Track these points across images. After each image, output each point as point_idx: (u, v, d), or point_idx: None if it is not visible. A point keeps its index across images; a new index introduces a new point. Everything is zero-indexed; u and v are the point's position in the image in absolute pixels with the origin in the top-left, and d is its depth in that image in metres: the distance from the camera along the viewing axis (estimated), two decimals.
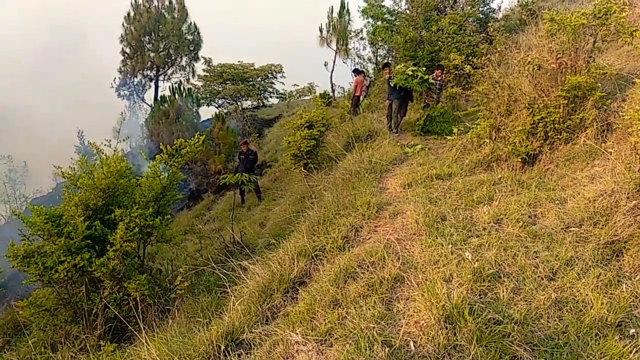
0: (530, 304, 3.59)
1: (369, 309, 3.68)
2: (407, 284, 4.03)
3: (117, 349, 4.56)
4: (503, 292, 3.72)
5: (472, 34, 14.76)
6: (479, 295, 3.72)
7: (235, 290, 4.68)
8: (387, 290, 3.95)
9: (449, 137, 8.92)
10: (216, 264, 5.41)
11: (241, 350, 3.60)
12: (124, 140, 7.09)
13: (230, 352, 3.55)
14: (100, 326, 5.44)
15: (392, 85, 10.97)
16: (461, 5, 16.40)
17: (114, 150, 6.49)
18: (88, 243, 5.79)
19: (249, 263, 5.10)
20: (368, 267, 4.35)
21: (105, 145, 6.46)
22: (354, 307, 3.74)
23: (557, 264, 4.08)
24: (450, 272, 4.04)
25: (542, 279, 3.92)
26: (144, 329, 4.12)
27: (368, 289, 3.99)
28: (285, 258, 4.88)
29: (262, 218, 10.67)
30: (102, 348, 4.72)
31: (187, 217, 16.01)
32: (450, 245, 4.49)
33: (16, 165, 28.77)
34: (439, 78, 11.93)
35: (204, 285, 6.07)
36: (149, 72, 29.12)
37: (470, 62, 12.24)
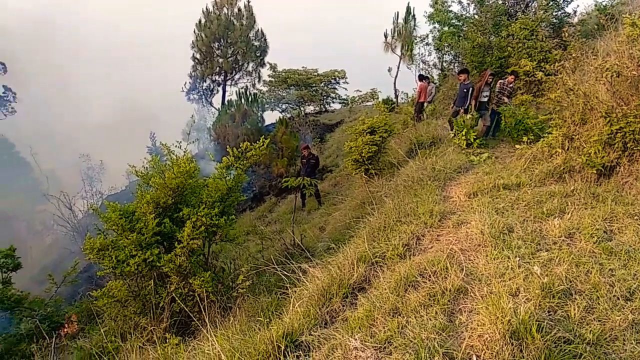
0: (604, 325, 3.39)
1: (430, 319, 3.61)
2: (471, 296, 3.92)
3: (181, 342, 4.74)
4: (574, 310, 3.53)
5: (544, 39, 14.19)
6: (548, 312, 3.56)
7: (295, 292, 4.74)
8: (449, 301, 3.86)
9: (517, 146, 8.59)
10: (277, 265, 5.51)
11: (300, 352, 3.63)
12: (193, 142, 7.37)
13: (290, 353, 3.59)
14: (166, 319, 5.68)
15: (465, 92, 10.70)
16: (533, 10, 15.81)
17: (184, 152, 6.76)
18: (157, 239, 6.07)
19: (309, 266, 5.15)
20: (430, 276, 4.27)
21: (175, 146, 6.74)
22: (415, 317, 3.68)
23: (634, 284, 3.83)
24: (517, 286, 3.89)
25: (618, 298, 3.69)
26: (207, 324, 4.26)
27: (429, 299, 3.91)
28: (345, 263, 4.89)
29: (322, 222, 10.75)
30: (167, 340, 4.92)
31: (249, 218, 16.40)
32: (517, 259, 4.32)
33: (94, 163, 30.88)
34: (511, 84, 11.53)
35: (264, 286, 6.19)
36: (217, 77, 30.19)
37: (542, 69, 11.75)
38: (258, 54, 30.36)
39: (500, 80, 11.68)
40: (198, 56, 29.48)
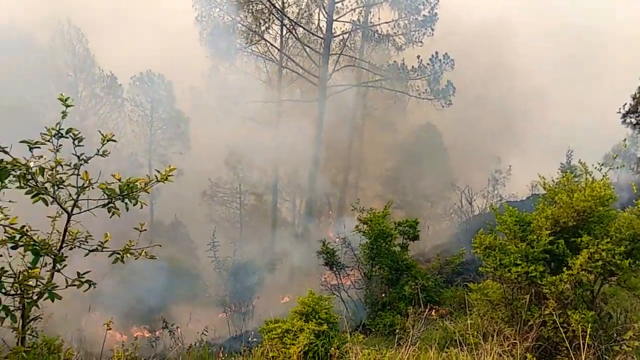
0: None
1: None
2: None
3: None
4: None
5: None
6: None
7: None
8: None
9: None
10: None
11: None
12: (616, 168, 6.63)
13: None
14: (531, 339, 5.45)
15: None
16: None
17: (603, 176, 6.15)
18: (545, 257, 5.85)
19: None
20: None
21: (595, 168, 6.22)
22: None
23: None
24: None
25: None
26: None
27: None
28: None
29: None
30: None
31: None
32: None
33: (502, 166, 31.66)
34: None
35: None
36: None
37: None
38: None
39: None
40: None
